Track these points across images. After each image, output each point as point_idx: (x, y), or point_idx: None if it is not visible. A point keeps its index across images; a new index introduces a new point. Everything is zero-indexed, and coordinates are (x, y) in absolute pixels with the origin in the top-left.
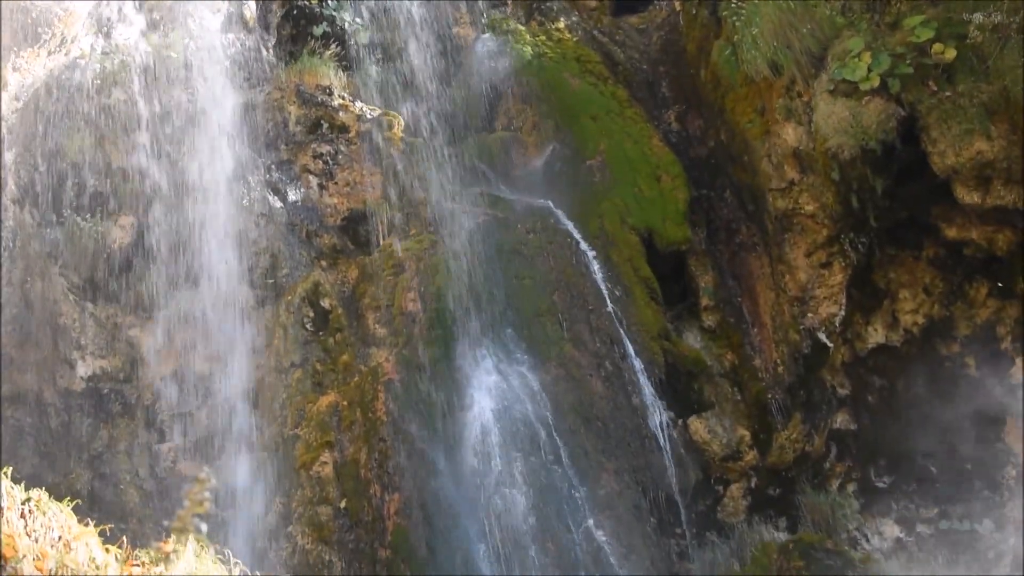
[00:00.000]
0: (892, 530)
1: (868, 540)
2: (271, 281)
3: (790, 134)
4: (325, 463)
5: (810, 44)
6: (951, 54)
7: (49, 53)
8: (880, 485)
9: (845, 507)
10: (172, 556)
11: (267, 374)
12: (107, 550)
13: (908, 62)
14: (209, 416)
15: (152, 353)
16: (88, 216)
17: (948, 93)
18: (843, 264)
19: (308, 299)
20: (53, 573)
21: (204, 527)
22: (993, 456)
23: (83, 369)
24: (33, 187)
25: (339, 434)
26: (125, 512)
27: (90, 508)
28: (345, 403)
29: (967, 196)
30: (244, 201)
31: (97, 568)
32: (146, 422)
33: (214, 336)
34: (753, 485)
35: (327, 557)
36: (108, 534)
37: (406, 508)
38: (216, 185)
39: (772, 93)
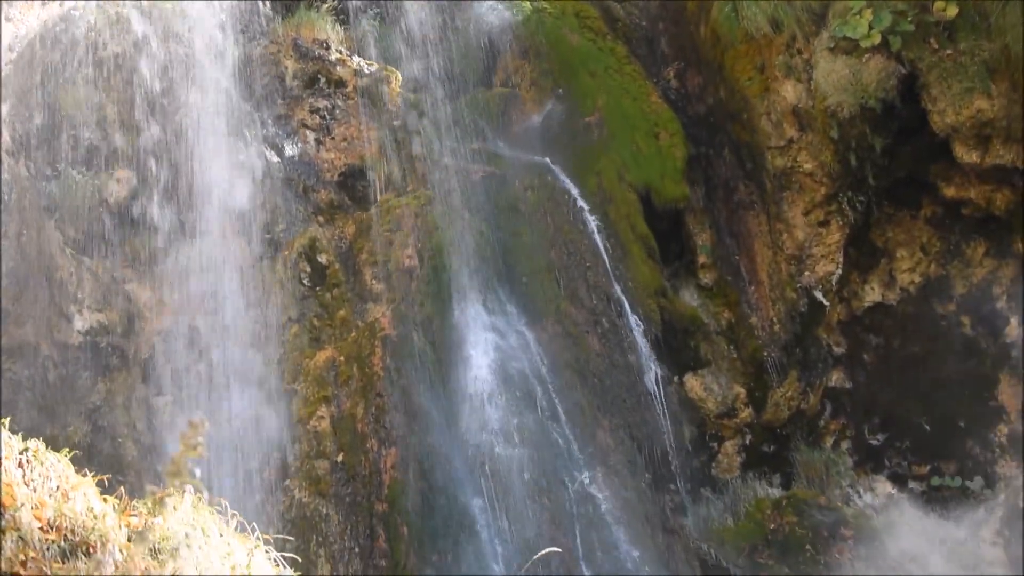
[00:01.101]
0: (884, 487)
1: (860, 496)
2: (268, 236)
3: (789, 92)
4: (322, 418)
5: (811, 1)
6: (953, 11)
7: (43, 4)
8: (874, 443)
9: (839, 464)
10: (169, 504)
11: (264, 329)
12: (105, 500)
13: (909, 19)
14: (206, 371)
15: (149, 308)
16: (84, 169)
17: (949, 51)
18: (841, 223)
19: (305, 254)
20: (51, 522)
21: (198, 471)
22: (986, 414)
23: (80, 323)
24: (28, 139)
25: (336, 389)
26: (123, 465)
27: (88, 461)
28: (342, 358)
29: (966, 155)
30: (241, 156)
31: (95, 517)
32: (143, 376)
33: (211, 291)
34: (748, 442)
35: (324, 510)
36: (106, 484)
37: (403, 462)
38: (212, 139)
39: (772, 50)
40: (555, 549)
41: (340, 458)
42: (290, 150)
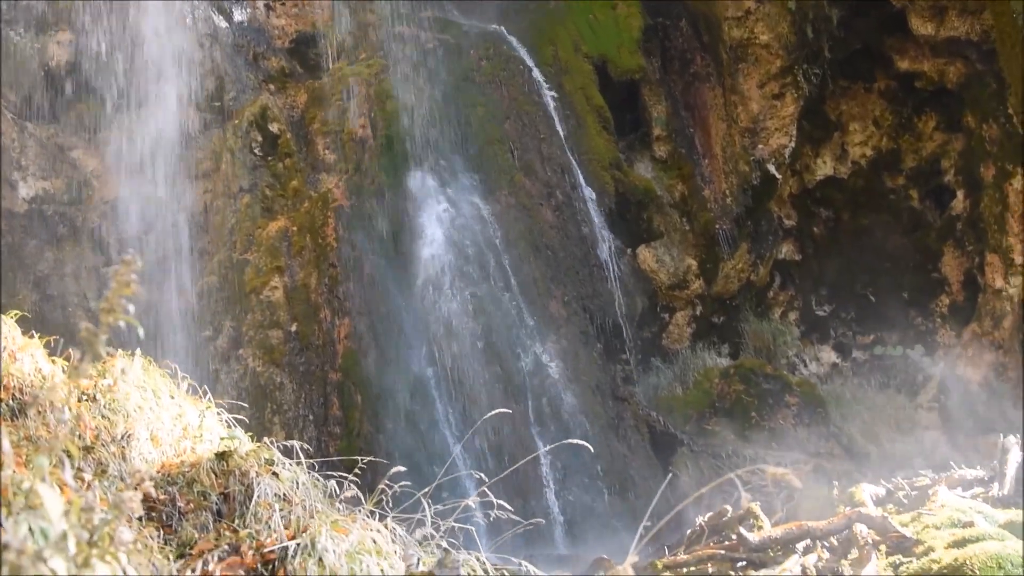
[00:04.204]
0: (829, 356)
1: (806, 365)
2: (217, 104)
3: None
4: (275, 288)
5: None
6: None
7: None
8: (820, 313)
9: (786, 334)
10: (119, 366)
11: (215, 199)
12: (54, 362)
13: None
14: (157, 240)
15: (97, 176)
16: (22, 31)
17: None
18: (795, 95)
19: (256, 123)
20: None
21: (132, 308)
22: (929, 285)
23: (25, 190)
24: None
25: (289, 259)
26: (73, 334)
27: (38, 330)
28: (295, 228)
29: (922, 27)
30: (187, 20)
31: (44, 378)
32: (93, 245)
33: (159, 159)
34: (698, 313)
35: (278, 379)
36: (53, 346)
37: (356, 332)
38: (158, 2)
39: None
40: (505, 411)
41: (294, 328)
42: (239, 15)
